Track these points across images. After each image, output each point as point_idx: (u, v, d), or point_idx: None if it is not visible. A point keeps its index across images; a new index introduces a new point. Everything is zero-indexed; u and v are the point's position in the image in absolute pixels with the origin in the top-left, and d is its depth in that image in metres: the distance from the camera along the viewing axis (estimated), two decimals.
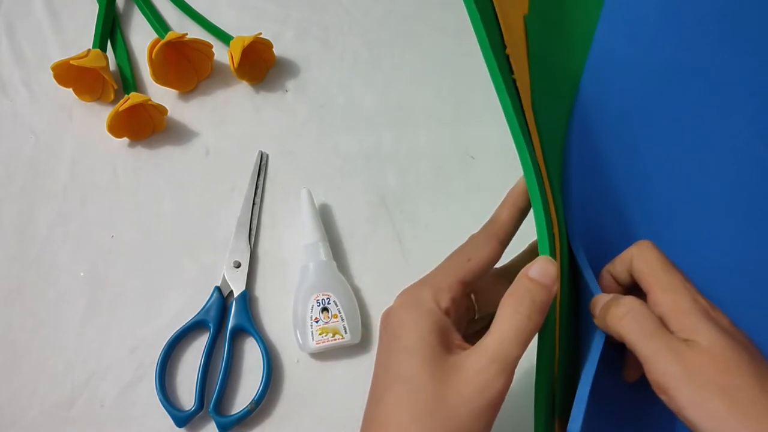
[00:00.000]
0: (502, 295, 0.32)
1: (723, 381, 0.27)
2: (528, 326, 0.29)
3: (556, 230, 0.34)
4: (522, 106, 0.33)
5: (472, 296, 0.34)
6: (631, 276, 0.33)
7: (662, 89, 0.44)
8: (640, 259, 0.33)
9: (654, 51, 0.45)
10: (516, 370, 0.29)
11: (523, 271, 0.30)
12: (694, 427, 0.27)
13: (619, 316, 0.30)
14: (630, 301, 0.31)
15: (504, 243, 0.33)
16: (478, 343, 0.29)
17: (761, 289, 0.39)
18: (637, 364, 0.35)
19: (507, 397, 0.29)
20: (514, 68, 0.33)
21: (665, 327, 0.30)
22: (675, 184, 0.42)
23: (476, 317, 0.34)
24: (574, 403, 0.31)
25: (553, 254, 0.31)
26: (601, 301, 0.32)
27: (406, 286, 0.33)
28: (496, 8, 0.33)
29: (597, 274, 0.35)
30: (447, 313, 0.31)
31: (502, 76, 0.30)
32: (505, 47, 0.33)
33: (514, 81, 0.33)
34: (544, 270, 0.30)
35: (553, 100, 0.41)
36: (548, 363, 0.34)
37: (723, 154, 0.42)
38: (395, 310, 0.31)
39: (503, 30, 0.34)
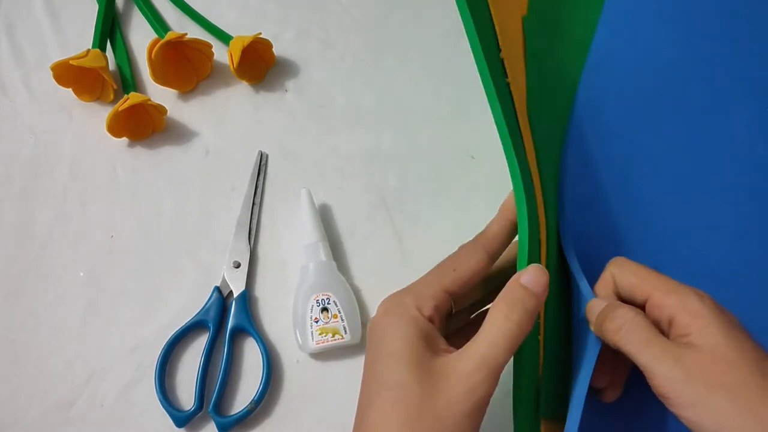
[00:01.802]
0: (478, 292, 0.34)
1: (727, 380, 0.27)
2: (517, 334, 0.29)
3: (543, 234, 0.35)
4: (515, 111, 0.33)
5: None
6: (618, 296, 0.34)
7: (662, 90, 0.44)
8: (624, 273, 0.33)
9: (653, 51, 0.45)
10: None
11: (515, 277, 0.31)
12: (699, 427, 0.27)
13: (616, 329, 0.31)
14: (624, 312, 0.31)
15: (492, 255, 0.34)
16: (466, 346, 0.30)
17: (763, 290, 0.39)
18: (615, 386, 0.35)
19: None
20: (508, 72, 0.33)
21: (671, 329, 0.30)
22: (675, 185, 0.42)
23: (453, 312, 0.34)
24: (571, 406, 0.31)
25: (535, 261, 0.32)
26: (596, 307, 0.33)
27: (401, 288, 0.33)
28: (492, 10, 0.33)
29: (593, 278, 0.35)
30: (431, 320, 0.31)
31: (494, 82, 0.30)
32: (499, 50, 0.33)
33: (507, 85, 0.33)
34: (536, 279, 0.30)
35: (549, 102, 0.41)
36: (531, 365, 0.34)
37: (724, 154, 0.42)
38: (379, 317, 0.32)
39: (498, 33, 0.33)
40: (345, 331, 0.43)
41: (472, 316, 0.37)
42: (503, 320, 0.29)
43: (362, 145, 0.51)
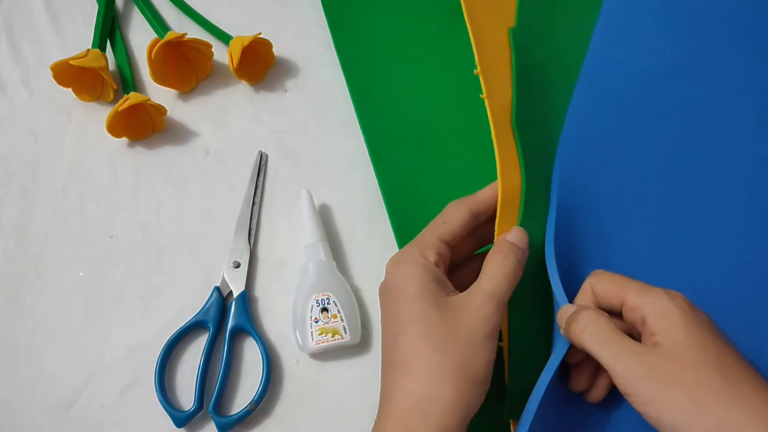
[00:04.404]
0: (468, 251, 0.39)
1: (684, 377, 0.29)
2: (514, 275, 0.34)
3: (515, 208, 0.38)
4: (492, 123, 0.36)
5: None
6: (597, 305, 0.35)
7: (659, 92, 0.44)
8: (601, 282, 0.35)
9: (652, 53, 0.44)
10: None
11: (501, 236, 0.36)
12: (658, 423, 0.29)
13: (579, 330, 0.32)
14: (588, 313, 0.33)
15: (475, 214, 0.37)
16: (472, 287, 0.34)
17: (764, 291, 0.39)
18: (602, 384, 0.36)
19: None
20: (484, 87, 0.37)
21: (643, 329, 0.32)
22: (674, 187, 0.42)
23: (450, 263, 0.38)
24: (526, 408, 0.33)
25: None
26: (566, 312, 0.34)
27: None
28: (469, 27, 0.36)
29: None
30: (436, 265, 0.35)
31: None
32: (475, 68, 0.36)
33: (482, 101, 0.37)
34: (519, 236, 0.36)
35: (543, 109, 0.42)
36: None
37: (724, 154, 0.42)
38: (392, 270, 0.35)
39: (475, 49, 0.36)
40: (345, 331, 0.43)
41: None
42: (502, 263, 0.34)
43: (362, 144, 0.51)
